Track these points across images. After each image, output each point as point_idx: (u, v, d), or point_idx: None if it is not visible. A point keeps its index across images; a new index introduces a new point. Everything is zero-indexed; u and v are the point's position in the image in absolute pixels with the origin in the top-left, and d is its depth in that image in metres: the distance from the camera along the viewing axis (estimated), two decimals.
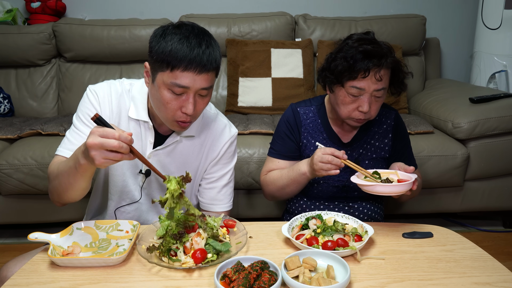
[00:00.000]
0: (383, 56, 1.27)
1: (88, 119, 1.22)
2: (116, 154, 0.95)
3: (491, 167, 2.13)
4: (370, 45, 1.28)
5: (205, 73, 1.08)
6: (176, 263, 0.99)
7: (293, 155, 1.49)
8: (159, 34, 1.10)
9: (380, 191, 1.20)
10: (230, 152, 1.37)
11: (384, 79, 1.29)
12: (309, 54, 2.60)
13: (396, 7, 2.99)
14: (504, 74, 2.63)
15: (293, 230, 1.17)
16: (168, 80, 1.08)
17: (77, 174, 1.04)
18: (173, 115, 1.14)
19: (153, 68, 1.11)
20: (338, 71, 1.30)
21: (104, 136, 0.93)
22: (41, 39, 2.55)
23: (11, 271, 1.09)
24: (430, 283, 0.95)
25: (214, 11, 2.83)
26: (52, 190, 1.19)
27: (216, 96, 2.65)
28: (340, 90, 1.33)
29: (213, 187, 1.38)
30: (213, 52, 1.09)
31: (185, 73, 1.07)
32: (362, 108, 1.30)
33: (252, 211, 2.13)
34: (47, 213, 2.08)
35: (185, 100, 1.11)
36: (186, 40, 1.06)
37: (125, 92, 1.26)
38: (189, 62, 1.05)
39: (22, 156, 1.95)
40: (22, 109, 2.60)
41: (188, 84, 1.08)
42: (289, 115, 1.49)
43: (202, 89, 1.11)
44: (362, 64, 1.25)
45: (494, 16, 2.61)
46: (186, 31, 1.08)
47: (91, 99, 1.23)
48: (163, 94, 1.10)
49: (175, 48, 1.05)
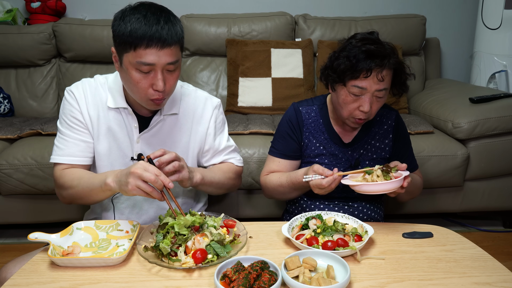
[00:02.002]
0: (386, 56, 1.26)
1: (71, 120, 1.28)
2: (148, 186, 1.05)
3: (491, 167, 2.13)
4: (374, 45, 1.27)
5: (168, 47, 1.11)
6: (176, 263, 0.99)
7: (294, 154, 1.48)
8: (118, 17, 1.13)
9: (367, 190, 1.19)
10: (220, 120, 1.42)
11: (386, 80, 1.29)
12: (309, 54, 2.60)
13: (396, 7, 3.00)
14: (504, 74, 2.63)
15: (293, 230, 1.17)
16: (133, 60, 1.11)
17: (101, 192, 1.16)
18: (145, 94, 1.17)
19: (119, 51, 1.15)
20: (340, 70, 1.30)
21: (146, 169, 1.05)
22: (41, 39, 2.55)
23: (10, 272, 1.09)
24: (430, 283, 0.95)
25: (214, 11, 2.83)
26: (64, 194, 1.28)
27: (216, 96, 2.64)
28: (342, 89, 1.33)
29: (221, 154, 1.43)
30: (172, 27, 1.12)
31: (148, 50, 1.10)
32: (363, 108, 1.30)
33: (252, 211, 2.13)
34: (47, 213, 2.08)
35: (154, 77, 1.15)
36: (144, 19, 1.09)
37: (100, 85, 1.31)
38: (149, 39, 1.08)
39: (22, 156, 1.95)
40: (22, 109, 2.60)
41: (153, 61, 1.11)
42: (291, 114, 1.49)
43: (169, 64, 1.14)
44: (365, 64, 1.25)
45: (494, 16, 2.61)
46: (143, 9, 1.11)
47: (69, 100, 1.29)
48: (132, 75, 1.14)
49: (134, 27, 1.09)
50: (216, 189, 1.37)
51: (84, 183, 1.20)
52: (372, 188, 1.18)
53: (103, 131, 1.29)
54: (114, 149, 1.30)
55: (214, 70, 2.69)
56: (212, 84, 2.67)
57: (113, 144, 1.30)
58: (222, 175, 1.37)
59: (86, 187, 1.19)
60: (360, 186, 1.19)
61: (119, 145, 1.30)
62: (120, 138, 1.30)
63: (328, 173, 1.22)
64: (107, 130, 1.30)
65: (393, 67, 1.30)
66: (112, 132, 1.30)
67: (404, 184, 1.21)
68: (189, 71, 2.67)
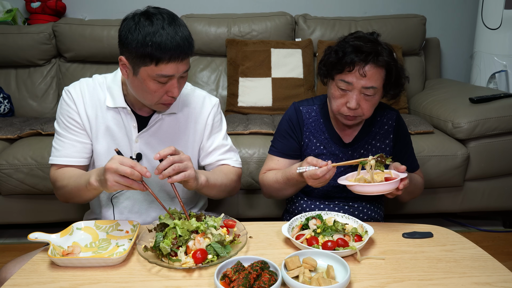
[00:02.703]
0: (371, 53, 1.26)
1: (68, 121, 1.28)
2: (127, 180, 1.04)
3: (491, 167, 2.13)
4: (365, 42, 1.28)
5: (187, 58, 1.16)
6: (176, 263, 0.99)
7: (294, 154, 1.49)
8: (132, 28, 1.12)
9: (362, 190, 1.19)
10: (217, 119, 1.42)
11: (371, 77, 1.27)
12: (309, 54, 2.59)
13: (396, 7, 3.00)
14: (504, 74, 2.63)
15: (293, 230, 1.17)
16: (153, 73, 1.13)
17: (87, 191, 1.16)
18: (159, 100, 1.20)
19: (134, 63, 1.14)
20: (329, 63, 1.33)
21: (121, 162, 1.04)
22: (41, 39, 2.55)
23: (10, 272, 1.09)
24: (430, 283, 0.95)
25: (214, 11, 2.83)
26: (58, 193, 1.30)
27: (216, 96, 2.64)
28: (332, 84, 1.35)
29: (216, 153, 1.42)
30: (187, 38, 1.14)
31: (170, 64, 1.12)
32: (350, 104, 1.30)
33: (252, 211, 2.13)
34: (47, 213, 2.08)
35: (170, 86, 1.17)
36: (163, 32, 1.10)
37: (98, 85, 1.31)
38: (172, 54, 1.11)
39: (22, 156, 1.95)
40: (22, 109, 2.60)
41: (173, 73, 1.15)
42: (292, 114, 1.49)
43: (184, 72, 1.18)
44: (348, 58, 1.26)
45: (494, 16, 2.61)
46: (158, 21, 1.11)
47: (66, 100, 1.30)
48: (149, 86, 1.16)
49: (155, 42, 1.09)
50: (219, 191, 1.35)
51: (72, 182, 1.21)
52: (367, 189, 1.19)
53: (101, 131, 1.29)
54: (113, 148, 1.30)
55: (214, 70, 2.69)
56: (212, 84, 2.67)
57: (112, 144, 1.30)
58: (225, 177, 1.36)
59: (75, 186, 1.20)
60: (355, 186, 1.19)
61: (117, 144, 1.30)
62: (119, 137, 1.30)
63: (322, 163, 1.21)
64: (106, 129, 1.30)
65: (382, 66, 1.28)
66: (111, 132, 1.30)
67: (400, 187, 1.21)
68: (189, 71, 2.66)
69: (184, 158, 1.13)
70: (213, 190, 1.31)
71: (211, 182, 1.27)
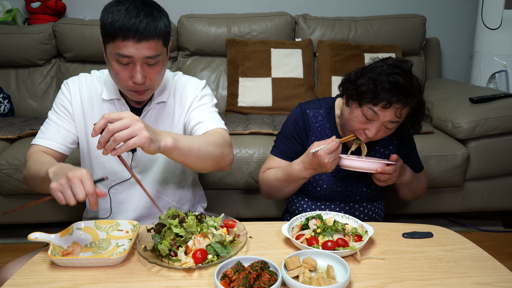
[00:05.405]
0: (410, 94, 1.24)
1: (60, 108, 1.33)
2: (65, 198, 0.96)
3: (491, 167, 2.13)
4: (402, 77, 1.23)
5: (145, 41, 1.12)
6: (176, 263, 0.99)
7: (296, 156, 1.47)
8: (104, 8, 1.16)
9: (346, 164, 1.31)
10: (197, 95, 1.35)
11: (403, 116, 1.29)
12: (309, 54, 2.59)
13: (396, 7, 3.00)
14: (504, 74, 2.63)
15: (293, 230, 1.17)
16: (113, 51, 1.14)
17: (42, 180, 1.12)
18: (125, 85, 1.20)
19: (104, 42, 1.18)
20: (362, 90, 1.26)
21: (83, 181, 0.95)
22: (41, 39, 2.55)
23: (10, 272, 1.09)
24: (430, 283, 0.95)
25: (214, 11, 2.83)
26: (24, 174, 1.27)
27: (216, 96, 2.65)
28: (357, 108, 1.30)
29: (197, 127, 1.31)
30: (152, 21, 1.13)
31: (125, 43, 1.12)
32: (369, 133, 1.30)
33: (252, 211, 2.13)
34: (47, 213, 2.08)
35: (132, 70, 1.17)
36: (125, 11, 1.11)
37: (96, 79, 1.35)
38: (126, 31, 1.10)
39: (22, 156, 1.95)
40: (22, 109, 2.60)
41: (130, 53, 1.13)
42: (298, 116, 1.48)
43: (148, 58, 1.15)
44: (387, 96, 1.22)
45: (494, 16, 2.61)
46: (127, 2, 1.13)
47: (63, 90, 1.34)
48: (112, 65, 1.17)
49: (114, 19, 1.11)
50: (198, 158, 1.14)
51: (38, 165, 1.16)
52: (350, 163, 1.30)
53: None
54: None
55: (214, 70, 2.69)
56: (212, 84, 2.67)
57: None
58: (205, 139, 1.17)
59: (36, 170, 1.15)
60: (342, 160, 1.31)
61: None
62: None
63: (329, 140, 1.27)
64: None
65: (414, 106, 1.29)
66: None
67: (378, 170, 1.28)
68: (189, 71, 2.67)
69: (128, 123, 0.94)
70: (188, 157, 1.11)
71: (181, 146, 1.07)
